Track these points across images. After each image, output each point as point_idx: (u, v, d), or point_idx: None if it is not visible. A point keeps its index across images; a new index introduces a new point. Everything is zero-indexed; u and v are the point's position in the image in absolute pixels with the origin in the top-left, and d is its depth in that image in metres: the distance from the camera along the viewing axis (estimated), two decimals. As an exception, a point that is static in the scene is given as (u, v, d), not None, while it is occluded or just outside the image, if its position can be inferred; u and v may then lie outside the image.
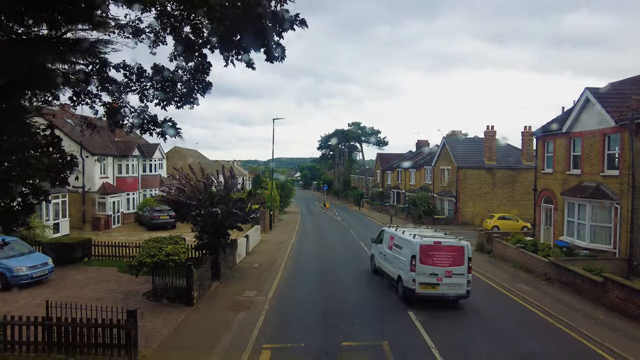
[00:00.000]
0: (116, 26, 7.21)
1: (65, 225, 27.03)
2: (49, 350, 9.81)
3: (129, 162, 35.66)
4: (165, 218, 30.89)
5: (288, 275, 19.11)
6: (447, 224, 40.04)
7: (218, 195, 17.54)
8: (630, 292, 13.29)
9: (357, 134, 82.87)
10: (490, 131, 41.18)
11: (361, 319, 13.14)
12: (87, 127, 8.32)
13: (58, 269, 17.05)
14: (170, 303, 13.85)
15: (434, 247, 14.47)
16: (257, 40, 7.13)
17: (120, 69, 7.78)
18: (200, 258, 17.31)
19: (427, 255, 14.34)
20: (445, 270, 14.27)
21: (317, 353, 10.68)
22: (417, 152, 60.72)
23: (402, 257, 15.33)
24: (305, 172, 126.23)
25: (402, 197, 54.83)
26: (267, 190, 44.04)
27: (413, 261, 14.39)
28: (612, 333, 12.04)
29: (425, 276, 14.25)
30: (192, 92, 8.05)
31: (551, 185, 22.57)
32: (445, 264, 14.33)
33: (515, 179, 40.32)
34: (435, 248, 14.48)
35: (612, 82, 20.61)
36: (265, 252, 24.82)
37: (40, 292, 14.74)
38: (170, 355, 10.36)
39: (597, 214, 18.68)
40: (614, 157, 18.31)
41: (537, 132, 24.55)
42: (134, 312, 9.70)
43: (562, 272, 16.96)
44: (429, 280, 14.24)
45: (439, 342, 11.19)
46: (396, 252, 16.11)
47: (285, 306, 14.56)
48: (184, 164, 25.71)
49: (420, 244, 14.47)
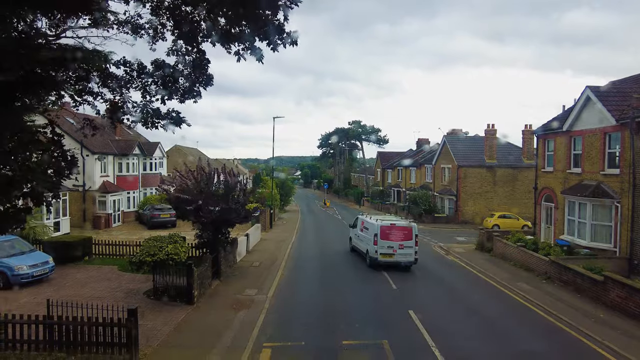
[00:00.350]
0: (115, 22, 7.20)
1: (65, 224, 27.06)
2: (50, 349, 9.82)
3: (129, 161, 35.67)
4: (166, 216, 30.89)
5: (288, 274, 19.12)
6: (447, 223, 40.13)
7: (219, 192, 17.53)
8: (630, 291, 13.28)
9: (358, 132, 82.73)
10: (490, 129, 41.14)
11: (362, 319, 13.14)
12: (89, 127, 8.30)
13: (59, 268, 17.06)
14: (171, 302, 13.86)
15: (390, 227, 19.63)
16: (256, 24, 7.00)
17: (121, 65, 7.77)
18: (200, 257, 17.31)
19: (385, 233, 19.45)
20: (399, 244, 19.43)
21: (318, 351, 10.69)
22: (418, 150, 60.66)
23: (369, 235, 20.49)
24: (306, 170, 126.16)
25: (403, 195, 54.82)
26: (267, 188, 44.04)
27: (375, 238, 19.55)
28: (613, 332, 12.04)
29: (384, 248, 19.40)
30: (194, 85, 8.03)
31: (552, 184, 22.56)
32: (398, 240, 19.44)
33: (515, 177, 40.30)
34: (391, 228, 19.65)
35: (613, 81, 20.57)
36: (266, 250, 24.83)
37: (41, 291, 14.75)
38: (171, 353, 10.37)
39: (598, 213, 18.67)
40: (615, 156, 18.29)
41: (538, 131, 24.52)
42: (134, 311, 9.70)
43: (563, 271, 16.96)
44: (387, 251, 19.40)
45: (438, 341, 11.19)
46: (365, 233, 21.26)
47: (286, 305, 14.57)
48: (184, 162, 25.67)
49: (380, 226, 19.62)
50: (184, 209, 17.10)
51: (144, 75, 7.85)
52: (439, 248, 26.64)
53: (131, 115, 8.12)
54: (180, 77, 7.95)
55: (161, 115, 8.05)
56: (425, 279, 19.04)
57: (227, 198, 17.37)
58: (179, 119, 8.09)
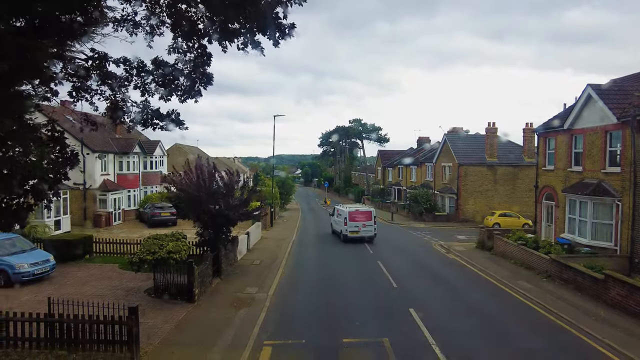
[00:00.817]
0: (112, 19, 7.17)
1: (66, 222, 27.08)
2: (51, 347, 9.84)
3: (129, 159, 35.68)
4: (166, 215, 30.90)
5: (289, 272, 19.14)
6: (448, 221, 40.14)
7: (220, 191, 17.53)
8: (631, 289, 13.27)
9: (358, 130, 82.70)
10: (491, 128, 41.09)
11: (362, 318, 13.15)
12: (87, 124, 8.30)
13: (59, 266, 17.09)
14: (172, 300, 13.88)
15: (356, 212, 27.57)
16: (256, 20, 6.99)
17: (120, 63, 7.75)
18: (201, 255, 17.33)
19: (352, 217, 27.20)
20: (362, 224, 27.08)
21: (318, 349, 10.70)
22: (418, 148, 60.58)
23: (341, 219, 28.06)
24: (306, 169, 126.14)
25: (403, 194, 54.79)
26: (268, 187, 44.05)
27: (345, 221, 27.17)
28: (613, 330, 12.03)
29: (352, 227, 27.02)
30: (195, 85, 8.01)
31: (552, 182, 22.54)
32: (362, 220, 27.13)
33: (516, 176, 40.26)
34: (357, 212, 27.51)
35: (614, 79, 20.54)
36: (266, 249, 24.85)
37: (42, 289, 14.78)
38: (172, 351, 10.38)
39: (599, 211, 18.65)
40: (616, 154, 18.26)
41: (539, 129, 24.50)
42: (135, 309, 9.72)
43: (563, 269, 16.96)
44: (354, 229, 27.05)
45: (439, 339, 11.20)
46: (339, 218, 28.91)
47: (286, 303, 14.59)
48: (187, 161, 25.67)
49: (348, 211, 27.39)
50: (185, 207, 17.13)
51: (143, 73, 7.84)
52: (440, 246, 26.65)
53: (131, 114, 8.10)
54: (180, 76, 7.93)
55: (161, 116, 8.03)
56: (425, 277, 19.05)
57: (228, 196, 17.38)
58: (179, 120, 8.07)
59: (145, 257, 13.62)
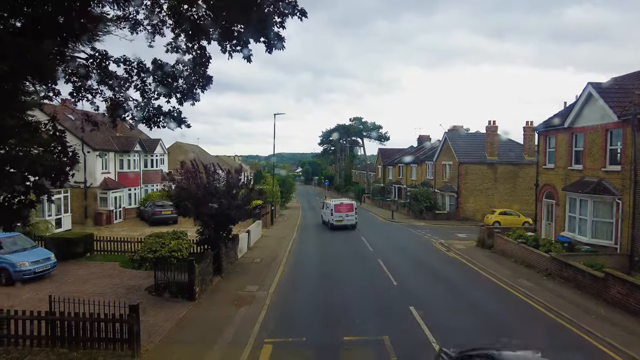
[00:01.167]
0: (112, 19, 7.17)
1: (67, 221, 27.11)
2: (52, 345, 9.88)
3: (130, 158, 35.69)
4: (167, 213, 30.94)
5: (289, 271, 19.17)
6: (448, 219, 40.13)
7: (221, 189, 17.55)
8: (631, 288, 13.28)
9: (359, 129, 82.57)
10: (492, 126, 41.03)
11: (362, 316, 13.17)
12: (88, 123, 8.29)
13: (60, 264, 17.12)
14: (172, 298, 13.91)
15: (340, 204, 33.88)
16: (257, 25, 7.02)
17: (121, 63, 7.75)
18: (202, 253, 17.36)
19: (337, 208, 33.21)
20: (345, 214, 33.00)
21: (319, 347, 10.73)
22: (419, 147, 60.52)
23: (328, 211, 34.22)
24: (307, 167, 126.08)
25: (404, 192, 54.78)
26: (268, 185, 44.06)
27: (332, 212, 33.21)
28: (613, 328, 12.05)
29: (337, 217, 32.85)
30: (194, 87, 8.01)
31: (553, 181, 22.53)
32: (345, 211, 33.08)
33: (516, 174, 40.22)
34: (341, 204, 33.90)
35: (614, 77, 20.51)
36: (267, 247, 24.88)
37: (43, 287, 14.81)
38: (173, 349, 10.41)
39: (599, 210, 18.65)
40: (616, 153, 18.25)
41: (539, 127, 24.47)
42: (136, 307, 9.75)
43: (563, 268, 16.97)
44: (339, 219, 32.84)
45: (439, 337, 11.23)
46: (327, 209, 34.98)
47: (287, 301, 14.62)
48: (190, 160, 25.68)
49: (334, 204, 33.70)
50: (186, 205, 17.14)
51: (143, 74, 7.83)
52: (440, 245, 26.66)
53: (132, 113, 8.09)
54: (179, 77, 7.92)
55: (162, 114, 8.03)
56: (425, 275, 19.07)
57: (229, 194, 17.39)
58: (180, 118, 8.07)
59: (147, 256, 13.65)
